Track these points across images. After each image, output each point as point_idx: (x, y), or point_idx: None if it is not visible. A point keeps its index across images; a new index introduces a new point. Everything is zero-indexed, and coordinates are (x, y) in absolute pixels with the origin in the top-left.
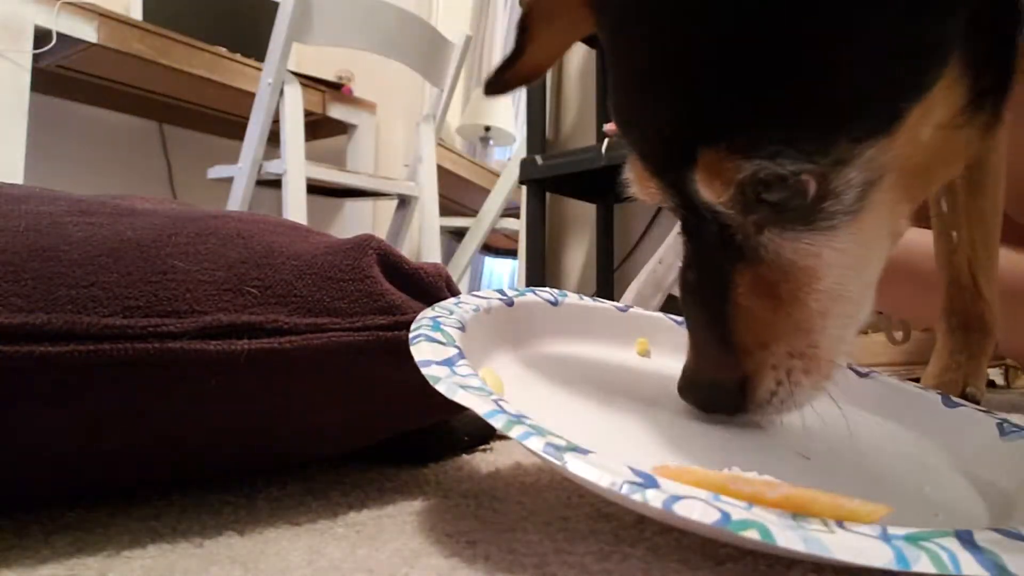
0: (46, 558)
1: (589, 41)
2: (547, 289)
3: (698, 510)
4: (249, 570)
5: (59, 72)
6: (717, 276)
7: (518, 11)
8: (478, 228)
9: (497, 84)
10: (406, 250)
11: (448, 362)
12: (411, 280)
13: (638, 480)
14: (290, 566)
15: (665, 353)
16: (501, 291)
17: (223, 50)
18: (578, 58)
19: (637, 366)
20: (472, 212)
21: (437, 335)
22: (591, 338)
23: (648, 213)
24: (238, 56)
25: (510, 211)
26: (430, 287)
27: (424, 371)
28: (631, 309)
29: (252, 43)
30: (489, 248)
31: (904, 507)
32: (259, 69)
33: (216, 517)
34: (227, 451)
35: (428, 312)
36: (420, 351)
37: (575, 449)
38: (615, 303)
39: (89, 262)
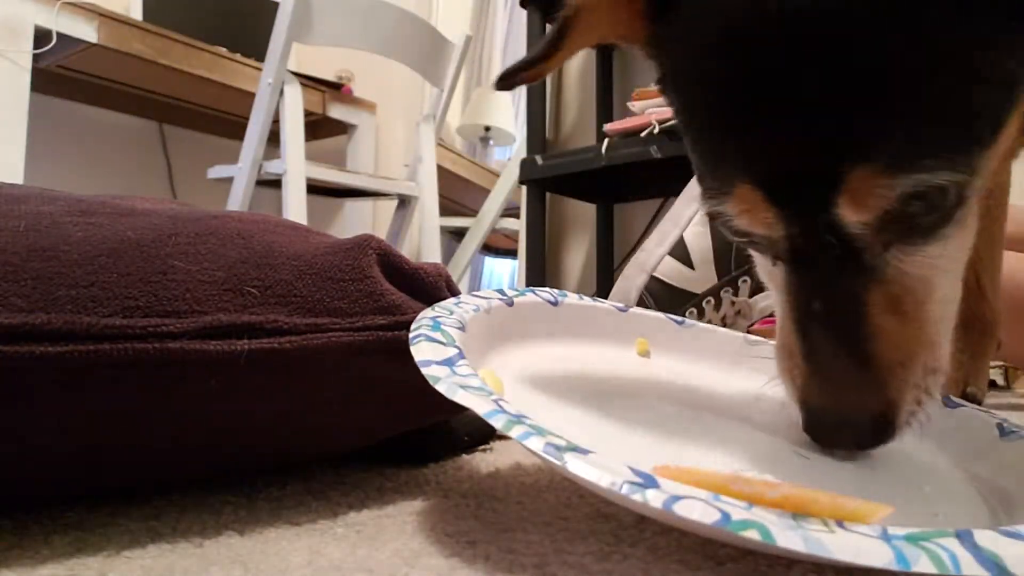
0: (46, 558)
1: None
2: (547, 289)
3: (698, 510)
4: (249, 570)
5: (59, 72)
6: (848, 300)
7: (519, 11)
8: (478, 228)
9: (512, 82)
10: (406, 250)
11: (448, 362)
12: (411, 280)
13: (638, 480)
14: (290, 566)
15: (664, 353)
16: (501, 291)
17: (223, 50)
18: (578, 58)
19: (636, 366)
20: (472, 212)
21: (437, 335)
22: (591, 338)
23: (648, 213)
24: (238, 56)
25: (510, 211)
26: (430, 287)
27: (424, 371)
28: (631, 309)
29: (252, 43)
30: (489, 248)
31: (904, 507)
32: (259, 69)
33: (216, 517)
34: (227, 451)
35: (428, 312)
36: (420, 351)
37: (575, 449)
38: (614, 303)
39: (89, 262)
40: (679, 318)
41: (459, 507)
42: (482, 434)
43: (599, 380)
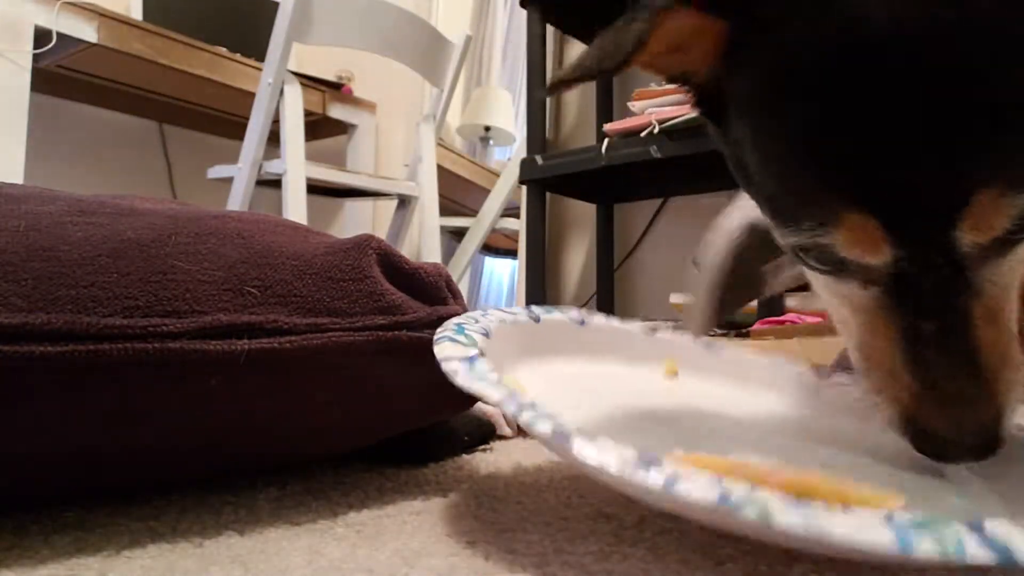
0: (46, 558)
1: (589, 41)
2: (574, 309)
3: (698, 490)
4: (249, 570)
5: (59, 72)
6: (958, 317)
7: (519, 11)
8: (478, 228)
9: (573, 85)
10: (406, 250)
11: (468, 360)
12: (411, 280)
13: (641, 461)
14: (290, 566)
15: (693, 374)
16: (529, 308)
17: (223, 50)
18: None
19: (662, 385)
20: (472, 212)
21: (460, 338)
22: (617, 358)
23: (648, 213)
24: (238, 56)
25: (510, 211)
26: (430, 287)
27: (444, 366)
28: (659, 332)
29: (252, 43)
30: (489, 248)
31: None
32: (259, 69)
33: (216, 517)
34: (227, 451)
35: (455, 319)
36: (442, 350)
37: (583, 434)
38: (644, 323)
39: (89, 262)
40: (707, 339)
41: (459, 507)
42: (482, 434)
43: (622, 397)
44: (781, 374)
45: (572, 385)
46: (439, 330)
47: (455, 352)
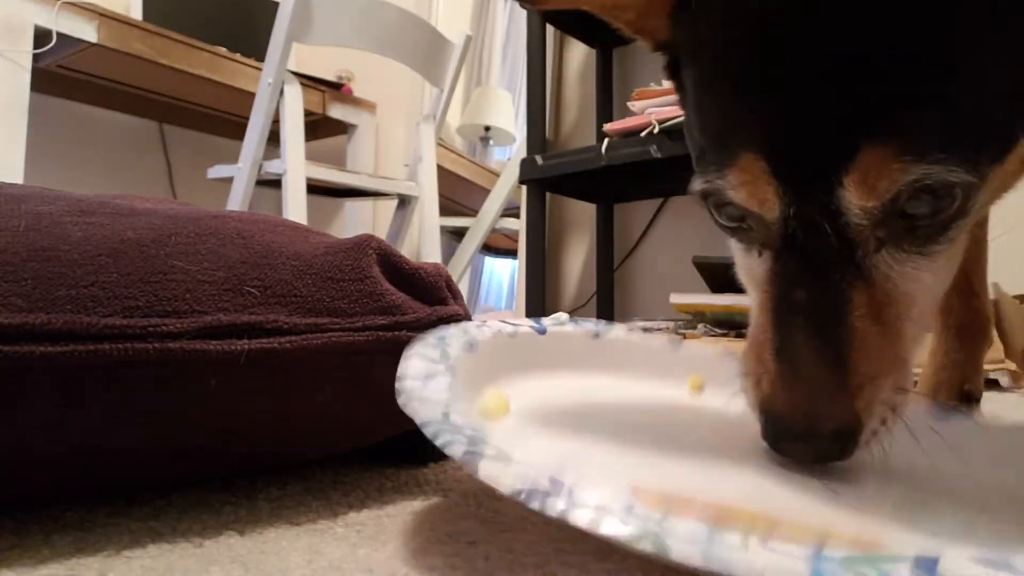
0: (46, 558)
1: (589, 41)
2: (592, 321)
3: (587, 519)
4: (249, 570)
5: (59, 72)
6: (833, 295)
7: (519, 11)
8: (478, 228)
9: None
10: (406, 250)
11: (424, 379)
12: (411, 280)
13: (544, 488)
14: (290, 566)
15: (720, 389)
16: (537, 320)
17: (223, 50)
18: (578, 58)
19: (678, 401)
20: (472, 212)
21: (433, 353)
22: (635, 373)
23: (648, 213)
24: (238, 56)
25: (510, 211)
26: (430, 287)
27: (396, 384)
28: (684, 345)
29: (252, 43)
30: (489, 248)
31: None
32: (259, 69)
33: (216, 517)
34: (227, 451)
35: (440, 330)
36: (405, 368)
37: (500, 458)
38: (670, 337)
39: (89, 262)
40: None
41: (459, 507)
42: None
43: (627, 415)
44: None
45: (572, 401)
46: (416, 344)
47: (417, 370)
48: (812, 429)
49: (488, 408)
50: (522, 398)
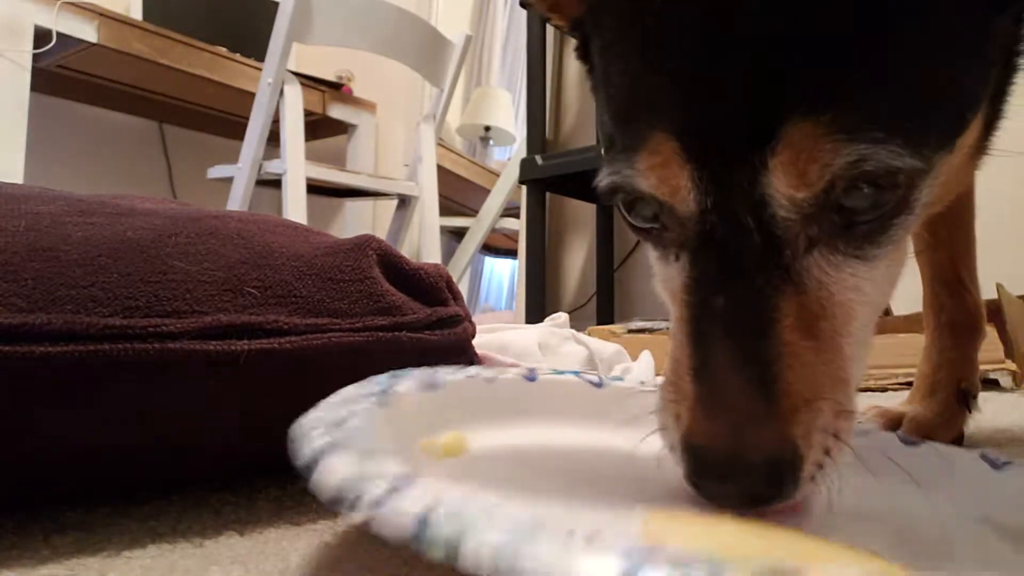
0: (46, 558)
1: None
2: (594, 374)
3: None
4: (249, 570)
5: (59, 72)
6: (758, 302)
7: (519, 11)
8: (478, 228)
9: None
10: (406, 250)
11: (344, 400)
12: (411, 281)
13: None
14: (290, 566)
15: None
16: (531, 369)
17: (223, 50)
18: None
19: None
20: (472, 212)
21: (371, 387)
22: (636, 425)
23: None
24: (238, 56)
25: (510, 211)
26: (430, 287)
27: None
28: None
29: (252, 43)
30: (489, 248)
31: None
32: (259, 69)
33: (216, 517)
34: (227, 451)
35: (397, 375)
36: (319, 409)
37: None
38: None
39: (89, 262)
40: None
41: None
42: None
43: (597, 466)
44: None
45: (552, 453)
46: (371, 384)
47: (326, 410)
48: (739, 463)
49: (434, 444)
50: (488, 443)
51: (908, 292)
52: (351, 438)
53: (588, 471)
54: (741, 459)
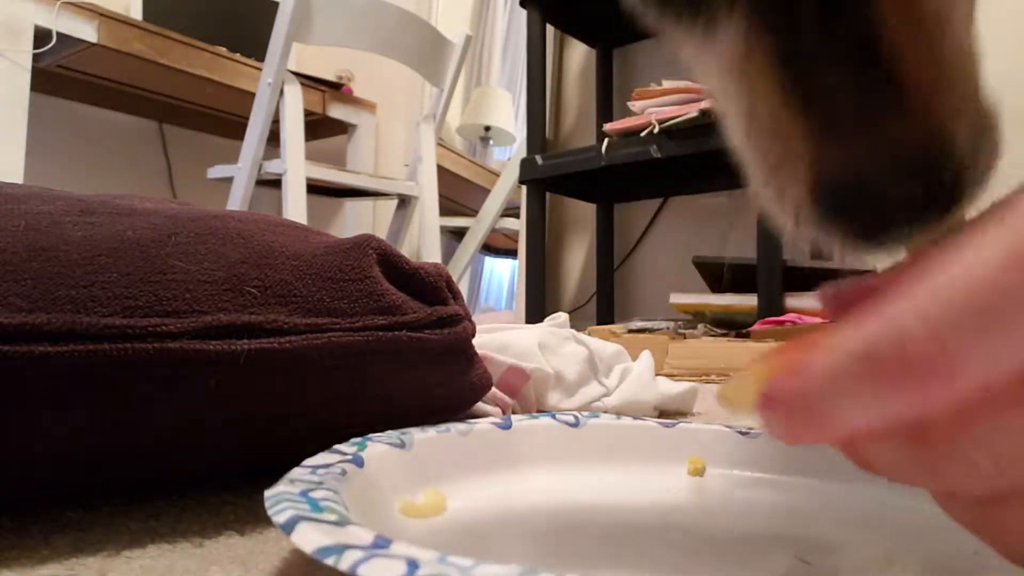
0: (46, 558)
1: (589, 41)
2: (573, 413)
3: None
4: (249, 570)
5: (59, 72)
6: (849, 7)
7: (519, 11)
8: (478, 228)
9: None
10: (406, 250)
11: (304, 494)
12: (411, 280)
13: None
14: (290, 566)
15: (723, 470)
16: (506, 419)
17: (223, 50)
18: (578, 58)
19: (669, 489)
20: (472, 212)
21: (342, 466)
22: (623, 462)
23: (648, 213)
24: (238, 56)
25: (510, 211)
26: (430, 287)
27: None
28: (680, 424)
29: (252, 43)
30: (489, 248)
31: None
32: (259, 69)
33: (216, 517)
34: (227, 451)
35: (367, 439)
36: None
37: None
38: (661, 420)
39: (89, 262)
40: (744, 427)
41: None
42: None
43: (600, 509)
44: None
45: (525, 502)
46: (348, 446)
47: (302, 475)
48: (887, 171)
49: (414, 506)
50: (468, 499)
51: None
52: (324, 507)
53: (572, 518)
54: (889, 169)
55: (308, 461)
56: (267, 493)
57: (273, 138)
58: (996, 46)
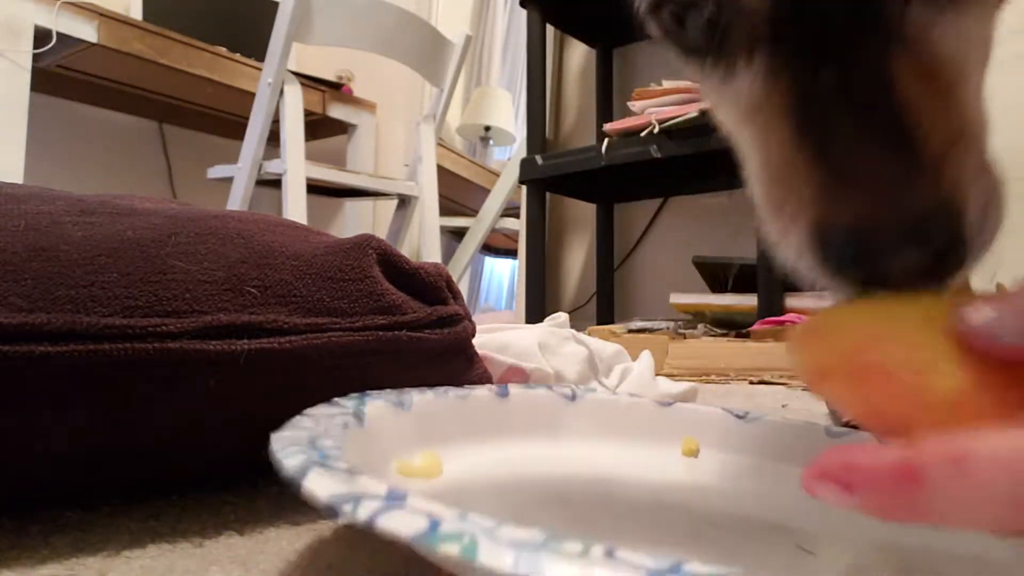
0: (46, 558)
1: (589, 41)
2: (567, 386)
3: (403, 521)
4: (249, 570)
5: (59, 72)
6: (870, 69)
7: (519, 11)
8: (478, 228)
9: None
10: (406, 250)
11: (311, 441)
12: (411, 280)
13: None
14: (290, 566)
15: (718, 453)
16: (504, 387)
17: (223, 50)
18: (578, 58)
19: (661, 468)
20: (472, 212)
21: (345, 403)
22: (613, 438)
23: (648, 213)
24: (238, 56)
25: (510, 211)
26: (430, 287)
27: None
28: (677, 404)
29: (252, 43)
30: (489, 248)
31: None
32: (259, 69)
33: (216, 517)
34: (227, 451)
35: (366, 395)
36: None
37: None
38: (658, 399)
39: (89, 262)
40: (741, 411)
41: None
42: None
43: (595, 482)
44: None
45: (522, 470)
46: (347, 402)
47: (295, 432)
48: (899, 227)
49: (411, 466)
50: (464, 463)
51: None
52: (328, 457)
53: (565, 491)
54: (901, 222)
55: (310, 410)
56: (273, 436)
57: (273, 138)
58: (1003, 120)
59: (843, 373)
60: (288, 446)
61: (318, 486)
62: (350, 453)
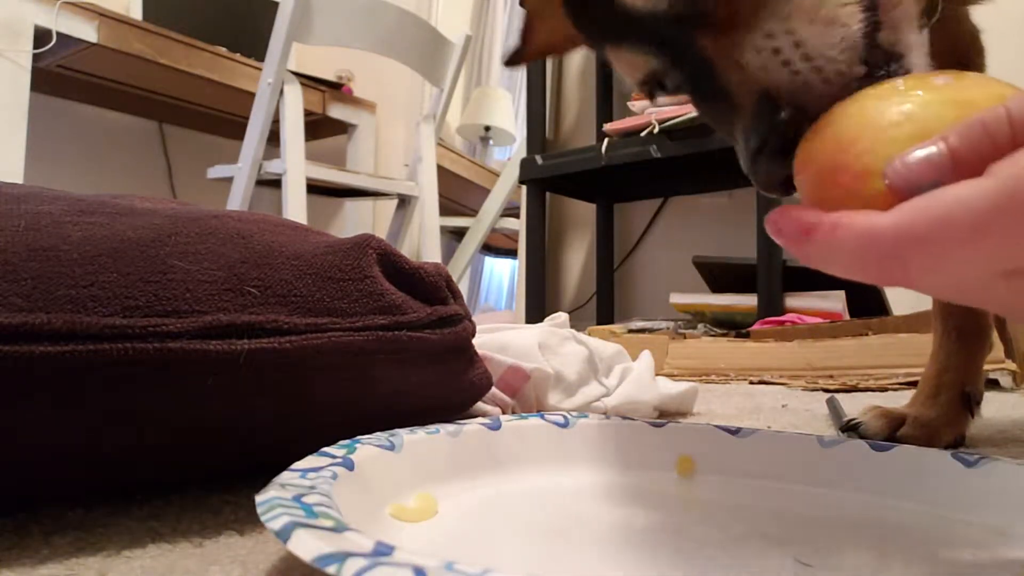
0: (46, 558)
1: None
2: (562, 413)
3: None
4: (249, 570)
5: (59, 72)
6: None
7: (518, 11)
8: (478, 228)
9: (514, 61)
10: (406, 250)
11: (297, 499)
12: (411, 280)
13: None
14: (290, 566)
15: (714, 471)
16: (496, 420)
17: (223, 50)
18: (578, 58)
19: (656, 491)
20: (472, 212)
21: (332, 470)
22: (613, 463)
23: (648, 213)
24: (238, 56)
25: (510, 211)
26: (430, 287)
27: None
28: (669, 424)
29: (252, 43)
30: (489, 248)
31: None
32: (259, 69)
33: (216, 517)
34: (227, 451)
35: (356, 440)
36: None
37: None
38: (650, 419)
39: (89, 262)
40: (733, 427)
41: None
42: None
43: (593, 512)
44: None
45: (517, 503)
46: (333, 449)
47: (282, 488)
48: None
49: (405, 509)
50: (459, 501)
51: (909, 292)
52: (318, 512)
53: (563, 520)
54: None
55: (297, 464)
56: (258, 498)
57: (273, 138)
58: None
59: (813, 171)
60: (272, 509)
61: (302, 547)
62: (342, 502)
